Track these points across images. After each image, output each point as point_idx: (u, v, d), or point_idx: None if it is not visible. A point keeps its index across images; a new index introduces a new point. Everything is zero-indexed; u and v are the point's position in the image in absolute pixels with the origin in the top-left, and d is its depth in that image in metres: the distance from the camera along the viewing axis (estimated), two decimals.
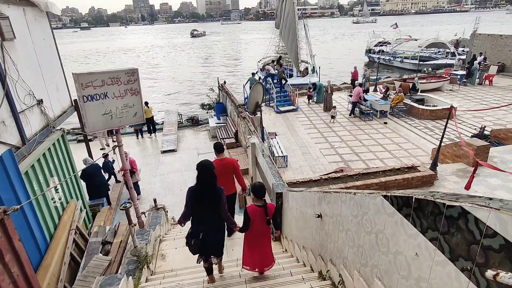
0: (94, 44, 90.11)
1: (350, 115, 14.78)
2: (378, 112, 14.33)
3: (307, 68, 23.08)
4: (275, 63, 18.18)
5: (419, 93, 16.45)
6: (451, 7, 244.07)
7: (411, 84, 16.82)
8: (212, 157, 11.91)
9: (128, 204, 4.12)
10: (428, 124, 13.20)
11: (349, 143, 11.73)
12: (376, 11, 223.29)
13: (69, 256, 5.55)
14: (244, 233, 3.61)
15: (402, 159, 10.16)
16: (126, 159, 8.84)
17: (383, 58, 31.80)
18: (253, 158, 7.35)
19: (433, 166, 7.92)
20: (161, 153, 12.53)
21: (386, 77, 24.18)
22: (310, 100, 17.85)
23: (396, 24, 37.52)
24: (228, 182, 5.14)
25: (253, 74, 17.67)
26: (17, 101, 5.30)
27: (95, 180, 8.08)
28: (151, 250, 4.68)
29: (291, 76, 21.40)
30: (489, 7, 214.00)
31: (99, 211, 7.66)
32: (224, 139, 11.59)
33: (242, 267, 3.73)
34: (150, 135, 14.49)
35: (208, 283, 3.71)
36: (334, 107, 14.31)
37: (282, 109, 16.04)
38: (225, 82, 15.43)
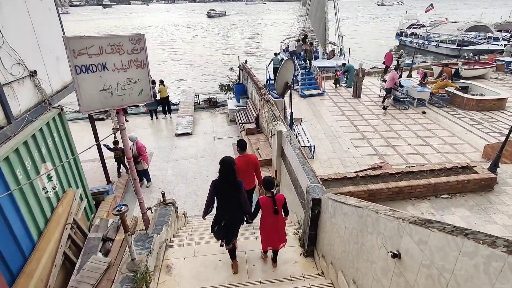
0: (116, 21, 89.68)
1: (383, 102, 13.33)
2: (415, 100, 12.83)
3: (333, 50, 21.45)
4: (300, 41, 16.71)
5: (461, 80, 14.70)
6: None
7: (453, 70, 15.07)
8: (228, 142, 10.78)
9: (123, 207, 3.18)
10: (474, 115, 11.64)
11: (384, 133, 10.43)
12: None
13: (62, 256, 4.75)
14: (260, 222, 3.95)
15: (447, 155, 8.83)
16: (133, 144, 8.00)
17: (416, 42, 29.38)
18: (278, 149, 6.28)
19: (493, 167, 6.61)
20: (175, 136, 11.64)
21: (421, 62, 22.20)
22: (338, 84, 16.43)
23: (431, 5, 34.55)
24: (250, 177, 5.09)
25: (276, 54, 16.33)
26: (0, 71, 4.42)
27: None
28: (154, 262, 3.78)
29: (316, 58, 19.87)
30: None
31: (103, 199, 6.87)
32: (244, 124, 10.54)
33: (261, 253, 4.16)
34: (165, 116, 13.61)
35: (233, 272, 3.93)
36: (389, 96, 12.60)
37: (306, 93, 14.76)
38: (246, 61, 14.22)
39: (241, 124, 10.78)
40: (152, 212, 5.44)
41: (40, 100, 5.30)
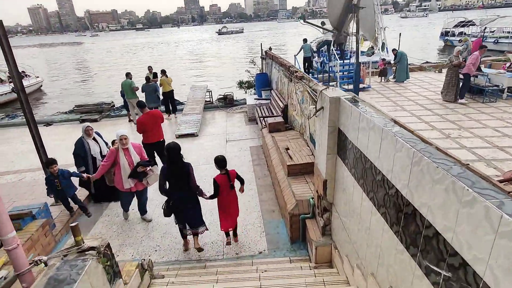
0: (150, 39, 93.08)
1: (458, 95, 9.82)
2: (505, 90, 9.22)
3: (372, 47, 18.16)
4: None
5: None
6: None
7: None
8: (244, 145, 7.74)
9: None
10: None
11: (475, 131, 6.96)
12: (437, 6, 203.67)
13: None
14: (217, 201, 4.13)
15: None
16: (126, 144, 4.97)
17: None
18: (330, 137, 3.11)
19: None
20: (176, 138, 8.78)
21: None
22: (384, 78, 13.11)
23: (482, 2, 30.59)
24: (159, 131, 5.92)
25: (305, 40, 13.39)
26: None
27: None
28: None
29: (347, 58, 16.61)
30: None
31: (21, 229, 3.96)
32: (266, 118, 7.48)
33: (221, 230, 4.26)
34: (169, 115, 10.85)
35: (184, 250, 4.23)
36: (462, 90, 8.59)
37: (347, 87, 11.55)
38: (270, 48, 11.36)
39: (261, 119, 7.73)
40: (46, 267, 2.42)
41: None
